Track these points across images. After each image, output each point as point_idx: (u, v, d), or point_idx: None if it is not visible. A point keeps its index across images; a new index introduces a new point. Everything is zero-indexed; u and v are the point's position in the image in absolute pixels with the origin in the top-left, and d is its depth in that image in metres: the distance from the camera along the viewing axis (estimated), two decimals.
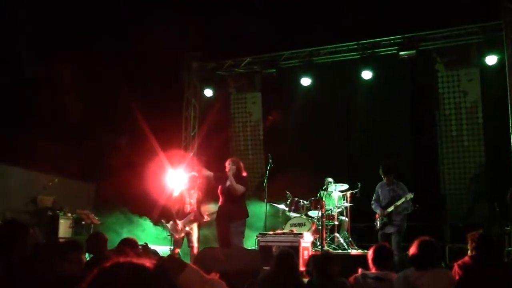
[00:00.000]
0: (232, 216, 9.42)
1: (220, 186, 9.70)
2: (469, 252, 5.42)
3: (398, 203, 9.77)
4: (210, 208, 10.38)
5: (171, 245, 10.90)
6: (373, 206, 10.27)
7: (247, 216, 9.64)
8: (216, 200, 9.98)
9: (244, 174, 9.83)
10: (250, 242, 11.19)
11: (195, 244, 10.53)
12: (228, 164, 9.65)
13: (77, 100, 13.53)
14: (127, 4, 13.84)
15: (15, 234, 4.70)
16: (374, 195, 10.33)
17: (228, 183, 9.53)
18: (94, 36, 13.76)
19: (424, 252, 5.01)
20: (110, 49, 13.99)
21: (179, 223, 10.43)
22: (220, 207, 9.70)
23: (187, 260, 11.30)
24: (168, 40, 13.18)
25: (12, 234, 4.69)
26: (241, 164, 9.86)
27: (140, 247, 6.17)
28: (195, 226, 10.66)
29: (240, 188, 9.46)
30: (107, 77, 14.01)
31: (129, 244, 5.77)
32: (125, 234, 12.24)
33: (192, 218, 10.50)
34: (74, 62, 12.89)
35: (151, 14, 13.60)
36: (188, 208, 10.62)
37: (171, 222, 10.60)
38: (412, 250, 5.10)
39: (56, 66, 12.75)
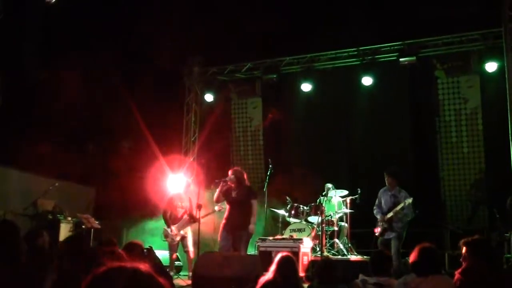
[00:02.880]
0: (240, 225, 9.44)
1: (227, 196, 9.71)
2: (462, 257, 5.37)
3: (398, 208, 9.78)
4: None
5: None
6: (375, 212, 10.29)
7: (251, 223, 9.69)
8: None
9: (247, 184, 9.90)
10: (250, 247, 11.21)
11: (191, 248, 10.57)
12: (230, 173, 9.74)
13: (78, 104, 13.55)
14: (128, 10, 13.87)
15: (7, 234, 4.70)
16: (377, 200, 10.35)
17: (234, 193, 9.60)
18: (95, 41, 13.80)
19: (425, 258, 5.00)
20: (112, 53, 14.01)
21: (173, 228, 10.48)
22: (227, 216, 9.66)
23: (185, 264, 11.34)
24: (169, 45, 13.22)
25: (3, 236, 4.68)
26: (245, 175, 9.88)
27: (145, 250, 6.17)
28: (189, 230, 10.70)
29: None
30: (107, 81, 14.04)
31: (133, 248, 5.77)
32: (125, 239, 12.30)
33: (186, 221, 10.57)
34: (75, 66, 12.92)
35: (153, 19, 13.63)
36: (180, 212, 10.67)
37: (164, 227, 10.65)
38: (413, 256, 5.10)
39: (57, 69, 12.78)
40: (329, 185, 11.70)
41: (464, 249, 5.15)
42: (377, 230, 10.13)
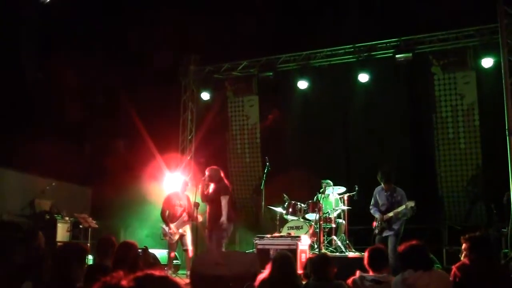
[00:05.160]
0: (212, 222, 9.57)
1: (203, 193, 9.92)
2: (463, 254, 5.40)
3: (399, 209, 9.70)
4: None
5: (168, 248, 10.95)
6: (371, 211, 10.20)
7: (230, 221, 9.77)
8: None
9: (226, 182, 9.99)
10: (248, 245, 11.21)
11: (190, 247, 10.59)
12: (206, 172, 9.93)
13: (75, 103, 13.54)
14: (124, 8, 13.84)
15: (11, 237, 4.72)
16: (372, 200, 10.26)
17: (208, 191, 9.76)
18: (92, 39, 13.77)
19: (406, 256, 5.07)
20: (108, 52, 14.00)
21: (172, 226, 10.49)
22: (207, 212, 9.88)
23: (183, 263, 11.35)
24: (166, 43, 13.21)
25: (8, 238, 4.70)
26: (221, 173, 10.04)
27: (140, 250, 6.15)
28: (188, 229, 10.72)
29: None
30: (104, 80, 14.02)
31: (127, 249, 5.75)
32: (123, 238, 12.29)
33: (185, 219, 10.60)
34: (72, 65, 12.90)
35: (149, 17, 13.61)
36: (179, 211, 10.68)
37: (163, 226, 10.65)
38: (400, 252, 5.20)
39: (54, 68, 12.76)
40: (327, 182, 11.70)
41: (464, 245, 5.18)
42: (375, 228, 10.10)
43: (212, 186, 9.82)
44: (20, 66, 13.33)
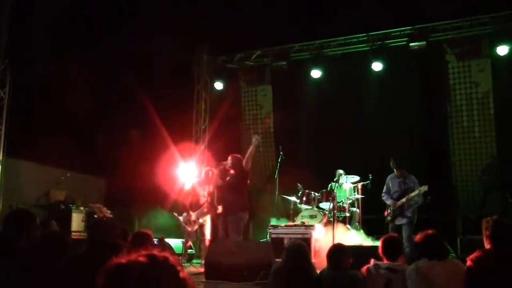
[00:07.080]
0: (230, 209, 9.37)
1: (222, 179, 9.78)
2: (484, 236, 5.36)
3: (412, 195, 9.68)
4: None
5: (183, 238, 11.01)
6: (383, 198, 10.20)
7: (247, 209, 9.50)
8: None
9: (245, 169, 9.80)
10: (262, 234, 11.24)
11: (208, 236, 10.64)
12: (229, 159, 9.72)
13: (88, 95, 13.59)
14: None
15: (22, 222, 4.77)
16: (385, 187, 10.25)
17: (228, 177, 9.59)
18: (104, 30, 13.80)
19: (423, 245, 5.06)
20: (120, 43, 14.02)
21: (193, 215, 10.54)
22: (222, 200, 9.74)
23: (199, 252, 11.41)
24: (179, 33, 13.21)
25: (19, 223, 4.75)
26: (243, 162, 9.73)
27: (155, 240, 6.20)
28: (208, 218, 10.76)
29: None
30: (117, 71, 14.06)
31: (141, 238, 5.79)
32: (137, 228, 12.36)
33: (205, 210, 10.62)
34: (84, 57, 12.95)
35: (161, 7, 13.61)
36: (201, 200, 10.73)
37: (184, 215, 10.70)
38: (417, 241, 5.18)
39: (66, 61, 12.82)
40: (340, 171, 11.69)
41: (483, 228, 5.16)
42: (387, 215, 10.07)
43: (231, 173, 9.63)
44: (32, 60, 13.39)
